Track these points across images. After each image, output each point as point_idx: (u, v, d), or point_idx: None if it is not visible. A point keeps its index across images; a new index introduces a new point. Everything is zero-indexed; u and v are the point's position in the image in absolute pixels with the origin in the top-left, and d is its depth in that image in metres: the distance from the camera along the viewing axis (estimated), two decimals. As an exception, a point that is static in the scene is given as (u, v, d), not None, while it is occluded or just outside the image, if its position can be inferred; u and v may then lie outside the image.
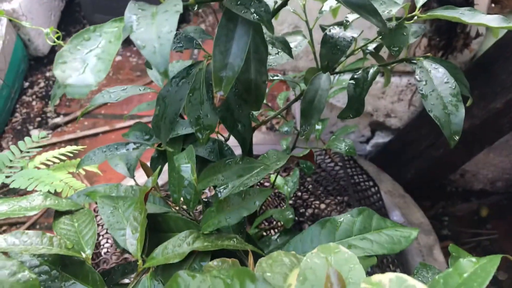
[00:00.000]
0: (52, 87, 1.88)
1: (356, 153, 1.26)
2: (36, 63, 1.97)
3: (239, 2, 0.41)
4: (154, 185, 0.58)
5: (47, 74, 1.94)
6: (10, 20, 1.77)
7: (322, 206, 1.12)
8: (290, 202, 1.13)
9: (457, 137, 0.56)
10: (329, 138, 1.21)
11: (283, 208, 0.93)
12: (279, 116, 0.81)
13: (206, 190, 1.02)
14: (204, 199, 0.65)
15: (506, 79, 0.97)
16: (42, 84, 1.90)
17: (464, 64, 1.16)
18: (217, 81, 0.42)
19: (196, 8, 0.43)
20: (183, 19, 2.11)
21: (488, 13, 1.14)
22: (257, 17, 0.39)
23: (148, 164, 0.69)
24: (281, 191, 0.92)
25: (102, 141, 1.65)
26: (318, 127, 0.89)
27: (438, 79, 0.59)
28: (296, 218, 1.14)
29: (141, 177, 1.06)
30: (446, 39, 1.02)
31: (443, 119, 0.56)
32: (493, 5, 1.13)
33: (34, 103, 1.83)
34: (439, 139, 1.10)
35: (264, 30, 0.46)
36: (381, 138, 1.36)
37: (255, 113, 0.95)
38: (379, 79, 1.17)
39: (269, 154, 0.65)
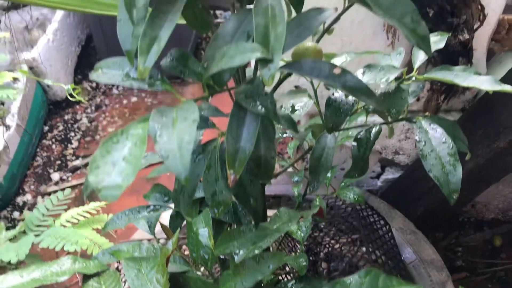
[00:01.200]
0: (70, 129, 1.95)
1: (367, 192, 1.29)
2: (55, 107, 2.05)
3: (247, 95, 0.46)
4: (174, 248, 0.62)
5: (66, 117, 2.01)
6: (30, 69, 1.86)
7: (337, 245, 1.15)
8: (305, 242, 1.17)
9: (456, 195, 0.60)
10: (340, 175, 1.24)
11: (297, 253, 0.96)
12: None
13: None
14: (221, 257, 0.69)
15: (507, 119, 1.00)
16: (61, 128, 1.97)
17: (467, 103, 1.20)
18: (230, 163, 0.46)
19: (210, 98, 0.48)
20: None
21: (489, 51, 1.18)
22: (264, 109, 0.44)
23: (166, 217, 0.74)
24: (295, 236, 0.96)
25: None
26: (328, 175, 0.93)
27: (436, 139, 0.63)
28: (311, 258, 1.17)
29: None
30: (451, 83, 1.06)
31: (442, 178, 0.60)
32: (493, 42, 1.17)
33: (54, 146, 1.90)
34: (447, 177, 1.13)
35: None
36: (391, 174, 1.40)
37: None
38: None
39: (281, 213, 0.69)
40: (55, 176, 1.78)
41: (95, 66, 0.50)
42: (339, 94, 0.69)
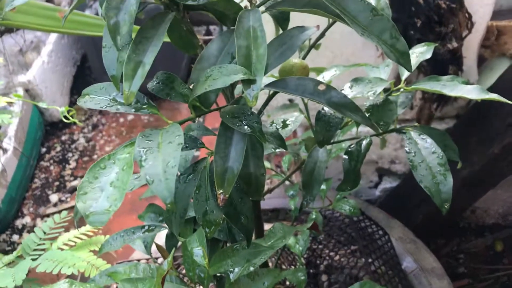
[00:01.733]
0: (67, 150, 1.96)
1: (366, 202, 1.29)
2: (52, 128, 2.05)
3: (233, 115, 0.46)
4: (170, 268, 0.62)
5: (63, 138, 2.02)
6: (26, 91, 1.87)
7: (336, 257, 1.15)
8: (305, 255, 1.17)
9: (447, 205, 0.60)
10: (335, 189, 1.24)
11: (296, 268, 0.96)
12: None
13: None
14: (218, 275, 0.69)
15: (500, 125, 1.01)
16: (58, 149, 1.98)
17: (461, 109, 1.21)
18: (219, 183, 0.46)
19: (197, 119, 0.49)
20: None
21: (480, 58, 1.18)
22: (250, 129, 0.44)
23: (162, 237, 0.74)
24: (293, 250, 0.96)
25: (119, 201, 1.70)
26: (322, 187, 0.93)
27: (426, 149, 0.63)
28: (312, 270, 1.17)
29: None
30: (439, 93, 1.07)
31: (433, 189, 0.60)
32: (483, 49, 1.18)
33: (51, 167, 1.90)
34: (443, 184, 1.13)
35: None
36: (388, 183, 1.40)
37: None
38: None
39: (275, 228, 0.69)
40: (54, 197, 1.78)
41: (82, 92, 0.50)
42: (328, 108, 0.69)
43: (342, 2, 0.43)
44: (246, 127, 0.45)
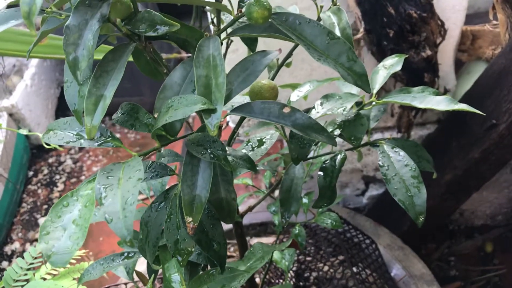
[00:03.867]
0: (55, 172, 1.95)
1: (352, 211, 1.30)
2: (38, 151, 2.04)
3: (198, 143, 0.46)
4: (149, 294, 0.62)
5: (50, 160, 2.01)
6: (10, 115, 1.86)
7: (325, 268, 1.15)
8: (294, 268, 1.16)
9: (422, 218, 0.60)
10: (311, 206, 1.24)
11: (283, 283, 0.96)
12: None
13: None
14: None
15: (479, 130, 1.01)
16: (45, 171, 1.97)
17: (442, 114, 1.21)
18: (188, 212, 0.46)
19: (162, 149, 0.49)
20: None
21: (458, 62, 1.19)
22: (214, 157, 0.45)
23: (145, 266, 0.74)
24: (279, 265, 0.95)
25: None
26: (305, 200, 0.93)
27: (399, 162, 0.63)
28: (301, 283, 1.16)
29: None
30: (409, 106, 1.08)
31: (407, 202, 0.60)
32: (460, 53, 1.19)
33: (39, 191, 1.89)
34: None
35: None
36: (375, 190, 1.40)
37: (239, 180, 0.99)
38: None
39: (254, 248, 0.69)
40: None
41: (47, 127, 0.50)
42: (294, 130, 0.70)
43: (298, 27, 0.44)
44: (210, 155, 0.45)
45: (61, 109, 2.21)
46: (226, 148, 0.47)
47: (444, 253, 1.54)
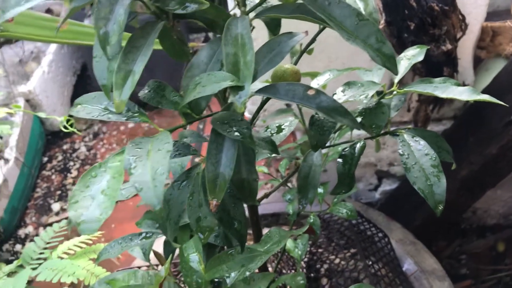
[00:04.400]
0: (69, 159, 1.97)
1: (365, 205, 1.30)
2: (53, 138, 2.06)
3: (223, 122, 0.47)
4: (167, 274, 0.63)
5: (64, 147, 2.03)
6: (27, 101, 1.88)
7: (336, 260, 1.15)
8: (305, 259, 1.17)
9: (441, 206, 0.60)
10: (330, 193, 1.25)
11: (295, 272, 0.96)
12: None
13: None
14: (216, 280, 0.69)
15: (497, 125, 1.01)
16: (60, 158, 1.99)
17: (458, 110, 1.21)
18: (211, 189, 0.47)
19: (188, 127, 0.49)
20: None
21: (476, 58, 1.19)
22: (239, 135, 0.45)
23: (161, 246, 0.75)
24: (292, 254, 0.96)
25: (121, 209, 1.71)
26: (320, 190, 0.93)
27: (419, 151, 0.63)
28: (312, 274, 1.17)
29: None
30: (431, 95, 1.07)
31: (427, 190, 0.60)
32: (479, 50, 1.18)
33: (53, 177, 1.91)
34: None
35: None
36: (388, 185, 1.40)
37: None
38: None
39: (271, 233, 0.69)
40: (56, 206, 1.78)
41: (74, 101, 0.51)
42: (318, 112, 0.70)
43: (328, 8, 0.44)
44: (236, 133, 0.46)
45: (77, 97, 2.22)
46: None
47: (455, 251, 1.53)
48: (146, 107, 1.11)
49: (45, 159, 1.98)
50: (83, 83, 2.31)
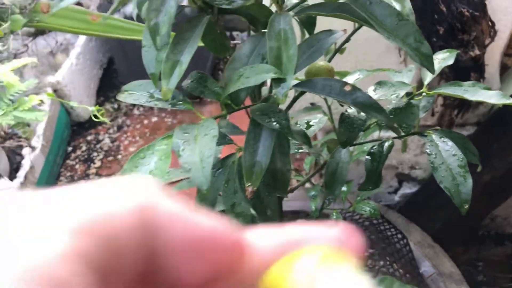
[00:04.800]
0: (93, 149, 2.01)
1: (385, 207, 1.31)
2: (78, 128, 2.11)
3: (262, 112, 0.49)
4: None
5: (88, 138, 2.07)
6: (54, 91, 1.93)
7: (354, 259, 1.16)
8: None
9: (466, 206, 0.62)
10: (357, 189, 1.26)
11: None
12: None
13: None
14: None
15: (522, 132, 1.02)
16: (84, 148, 2.03)
17: (482, 116, 1.22)
18: (248, 176, 0.49)
19: (228, 117, 0.52)
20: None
21: (503, 66, 1.19)
22: (278, 125, 0.47)
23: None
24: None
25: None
26: (344, 189, 0.95)
27: (446, 152, 0.65)
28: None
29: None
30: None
31: (453, 189, 0.62)
32: (506, 58, 1.19)
33: (77, 166, 1.96)
34: (463, 190, 1.15)
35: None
36: (408, 189, 1.41)
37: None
38: (401, 135, 1.23)
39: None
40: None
41: (121, 88, 0.54)
42: (352, 110, 0.72)
43: (370, 7, 0.46)
44: (275, 123, 0.48)
45: (103, 90, 2.28)
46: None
47: (472, 258, 1.53)
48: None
49: (70, 148, 2.03)
50: (109, 76, 2.36)
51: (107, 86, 2.29)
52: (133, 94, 0.51)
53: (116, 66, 2.28)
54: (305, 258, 0.16)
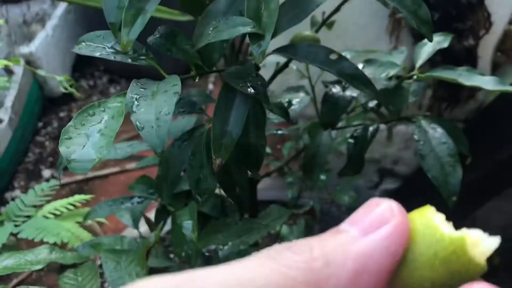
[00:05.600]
0: (64, 127, 1.92)
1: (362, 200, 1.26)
2: (50, 104, 2.02)
3: (237, 76, 0.43)
4: (156, 241, 0.59)
5: (61, 114, 1.98)
6: (27, 63, 1.83)
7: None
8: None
9: (454, 198, 0.57)
10: (337, 183, 1.21)
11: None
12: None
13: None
14: (206, 254, 0.65)
15: (510, 131, 0.98)
16: (55, 125, 1.94)
17: (471, 113, 1.17)
18: (216, 148, 0.43)
19: (198, 79, 0.45)
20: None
21: (495, 62, 1.15)
22: (254, 91, 0.41)
23: (152, 213, 0.71)
24: (286, 241, 0.92)
25: (113, 182, 1.68)
26: (323, 177, 0.90)
27: (436, 139, 0.60)
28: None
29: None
30: (451, 91, 1.04)
31: (441, 179, 0.57)
32: (499, 54, 1.15)
33: (47, 143, 1.87)
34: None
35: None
36: (390, 184, 1.36)
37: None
38: (385, 127, 1.18)
39: (271, 210, 0.66)
40: (47, 173, 1.74)
41: (78, 39, 0.47)
42: (336, 89, 0.66)
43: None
44: (250, 88, 0.42)
45: (79, 66, 2.19)
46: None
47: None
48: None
49: (40, 124, 1.94)
50: (87, 52, 2.26)
51: (84, 63, 2.19)
52: (90, 45, 0.45)
53: (95, 42, 2.18)
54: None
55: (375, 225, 0.20)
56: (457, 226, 0.23)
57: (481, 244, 0.21)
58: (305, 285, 0.18)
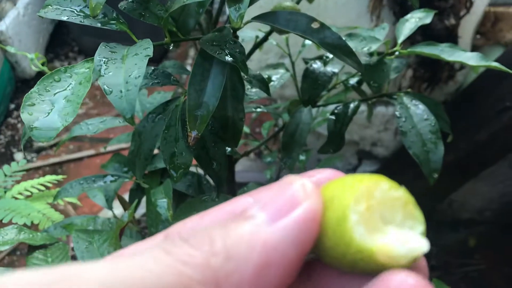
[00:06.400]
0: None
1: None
2: (22, 85, 1.96)
3: (214, 43, 0.41)
4: (130, 220, 0.57)
5: (35, 96, 1.93)
6: (-2, 43, 1.77)
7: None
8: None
9: (436, 175, 0.56)
10: (316, 164, 1.20)
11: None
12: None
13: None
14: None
15: (489, 112, 0.97)
16: (29, 107, 1.89)
17: (450, 95, 1.17)
18: (191, 120, 0.41)
19: (172, 47, 0.43)
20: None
21: (473, 45, 1.15)
22: (231, 58, 0.39)
23: (127, 195, 0.68)
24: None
25: (87, 165, 1.64)
26: (302, 157, 0.88)
27: (417, 116, 0.59)
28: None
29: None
30: (431, 71, 1.03)
31: (422, 156, 0.56)
32: (478, 36, 1.15)
33: (19, 125, 1.81)
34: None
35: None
36: (368, 167, 1.36)
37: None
38: (365, 109, 1.17)
39: (249, 187, 0.64)
40: (19, 156, 1.69)
41: (45, 3, 0.44)
42: (317, 65, 0.64)
43: None
44: (227, 56, 0.40)
45: (52, 46, 2.12)
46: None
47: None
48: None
49: (12, 106, 1.88)
50: (60, 32, 2.20)
51: (58, 43, 2.13)
52: (58, 8, 0.42)
53: (68, 22, 2.12)
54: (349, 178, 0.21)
55: (285, 209, 0.18)
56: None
57: (396, 252, 0.19)
58: (203, 285, 0.16)
